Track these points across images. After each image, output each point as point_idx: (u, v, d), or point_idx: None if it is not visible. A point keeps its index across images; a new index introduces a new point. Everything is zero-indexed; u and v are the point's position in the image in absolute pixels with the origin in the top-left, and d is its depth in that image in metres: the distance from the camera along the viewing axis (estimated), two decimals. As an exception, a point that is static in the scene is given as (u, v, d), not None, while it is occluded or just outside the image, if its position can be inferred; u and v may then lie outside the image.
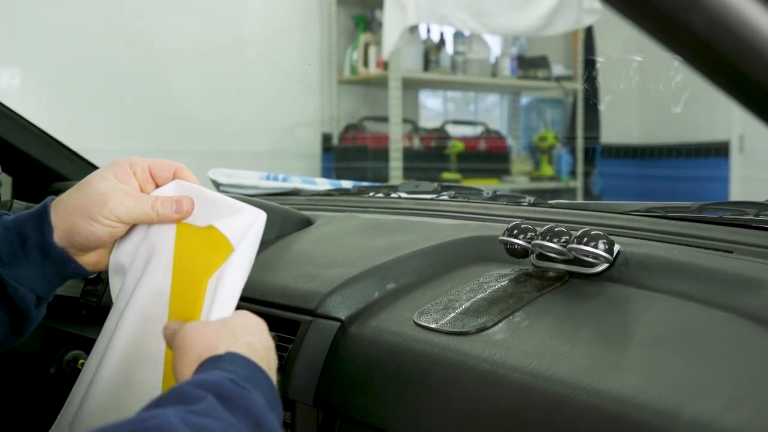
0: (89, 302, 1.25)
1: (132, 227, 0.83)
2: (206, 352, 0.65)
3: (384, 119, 3.92)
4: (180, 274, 0.80)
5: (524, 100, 4.83)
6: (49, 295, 0.84)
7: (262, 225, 0.78)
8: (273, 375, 0.68)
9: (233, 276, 0.76)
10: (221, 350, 0.65)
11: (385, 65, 3.81)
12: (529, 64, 4.40)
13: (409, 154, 3.87)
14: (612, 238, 0.86)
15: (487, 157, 4.31)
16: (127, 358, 0.79)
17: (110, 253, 0.84)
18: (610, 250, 0.84)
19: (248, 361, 0.65)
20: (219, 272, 0.77)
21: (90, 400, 0.78)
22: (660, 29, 0.43)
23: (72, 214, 0.79)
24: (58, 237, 0.80)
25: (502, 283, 0.89)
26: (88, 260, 0.83)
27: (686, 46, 0.43)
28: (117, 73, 3.27)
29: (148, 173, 0.82)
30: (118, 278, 0.85)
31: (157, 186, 0.83)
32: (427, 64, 4.03)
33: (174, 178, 0.84)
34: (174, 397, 0.57)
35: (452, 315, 0.84)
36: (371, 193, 1.50)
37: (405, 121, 3.92)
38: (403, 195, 1.46)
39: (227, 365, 0.63)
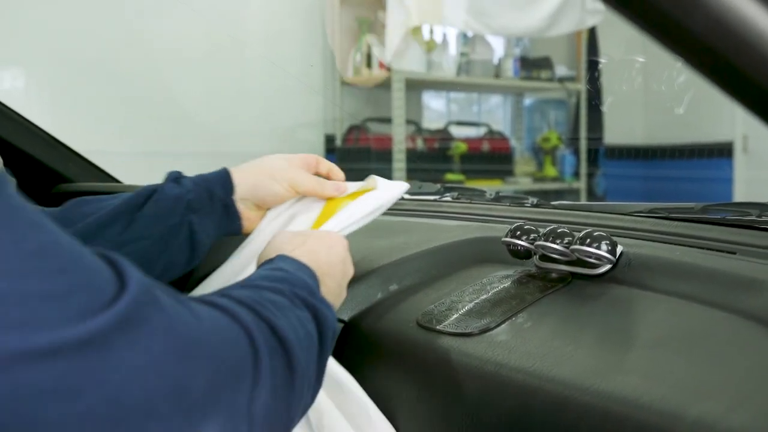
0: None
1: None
2: (272, 253, 0.76)
3: (387, 120, 3.92)
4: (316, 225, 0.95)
5: (527, 101, 4.83)
6: (210, 243, 0.97)
7: (402, 192, 0.96)
8: (334, 282, 0.77)
9: (356, 208, 0.92)
10: (283, 252, 0.75)
11: (388, 66, 3.82)
12: (532, 65, 4.40)
13: (412, 156, 3.87)
14: (615, 239, 0.86)
15: (491, 158, 4.30)
16: None
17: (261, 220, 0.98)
18: (613, 251, 0.84)
19: (298, 264, 0.73)
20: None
21: None
22: (661, 31, 0.43)
23: (256, 175, 0.96)
24: (238, 196, 0.95)
25: (505, 285, 0.89)
26: (250, 221, 0.97)
27: (687, 47, 0.43)
28: (118, 73, 3.27)
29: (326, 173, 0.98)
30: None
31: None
32: (430, 65, 4.02)
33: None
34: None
35: (455, 316, 0.84)
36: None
37: (408, 122, 3.92)
38: (406, 196, 1.46)
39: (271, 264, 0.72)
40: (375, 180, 0.99)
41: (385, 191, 0.95)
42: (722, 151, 4.49)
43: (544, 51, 4.54)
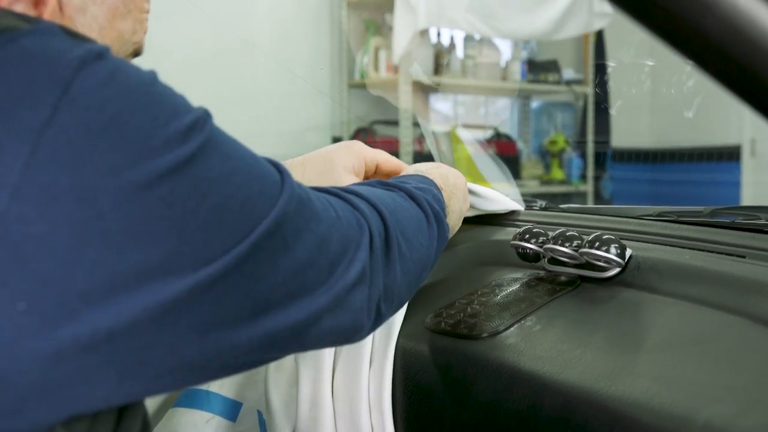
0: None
1: None
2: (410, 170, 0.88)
3: (394, 123, 3.93)
4: None
5: (535, 103, 4.83)
6: None
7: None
8: (454, 201, 0.85)
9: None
10: (419, 171, 0.85)
11: (395, 69, 3.82)
12: (539, 68, 4.40)
13: (419, 158, 3.88)
14: (624, 242, 0.86)
15: (498, 160, 4.30)
16: None
17: None
18: (622, 255, 0.84)
19: (425, 179, 0.82)
20: None
21: None
22: (671, 33, 0.43)
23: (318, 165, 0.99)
24: None
25: (514, 287, 0.89)
26: None
27: (698, 50, 0.43)
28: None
29: (373, 166, 0.99)
30: None
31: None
32: (438, 68, 4.03)
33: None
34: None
35: (464, 319, 0.84)
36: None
37: (415, 124, 3.92)
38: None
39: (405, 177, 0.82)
40: None
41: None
42: (730, 155, 4.47)
43: (551, 54, 4.54)
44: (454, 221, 0.86)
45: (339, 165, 0.96)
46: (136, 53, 0.69)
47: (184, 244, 0.49)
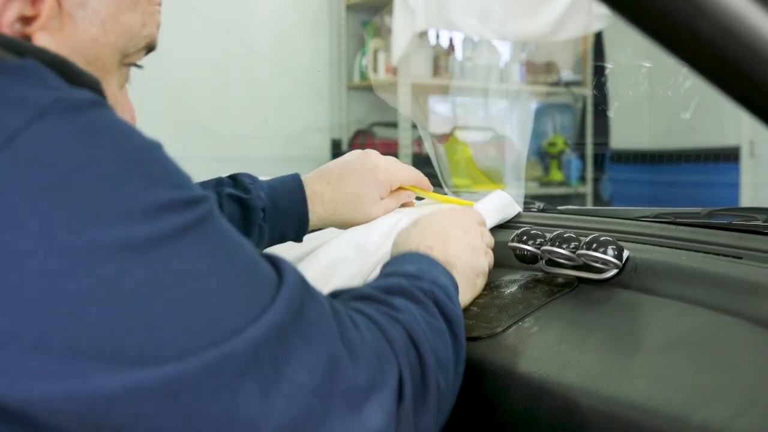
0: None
1: None
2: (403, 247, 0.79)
3: (393, 125, 3.93)
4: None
5: (533, 105, 4.83)
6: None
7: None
8: (458, 276, 0.76)
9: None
10: (420, 249, 0.76)
11: (394, 71, 3.82)
12: (538, 69, 4.40)
13: (418, 160, 3.88)
14: (621, 243, 0.86)
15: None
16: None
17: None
18: (619, 256, 0.84)
19: (432, 264, 0.73)
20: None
21: None
22: (666, 37, 0.43)
23: (348, 203, 1.00)
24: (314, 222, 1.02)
25: (512, 289, 0.89)
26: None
27: (693, 53, 0.43)
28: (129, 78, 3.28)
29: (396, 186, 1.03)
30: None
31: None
32: (437, 69, 4.03)
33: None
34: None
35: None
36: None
37: (414, 126, 3.92)
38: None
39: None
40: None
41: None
42: (729, 156, 4.48)
43: (550, 55, 4.54)
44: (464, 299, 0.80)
45: (368, 200, 0.99)
46: (150, 48, 0.66)
47: (116, 337, 0.42)
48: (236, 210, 0.94)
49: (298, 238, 1.00)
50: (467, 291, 0.81)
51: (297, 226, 0.99)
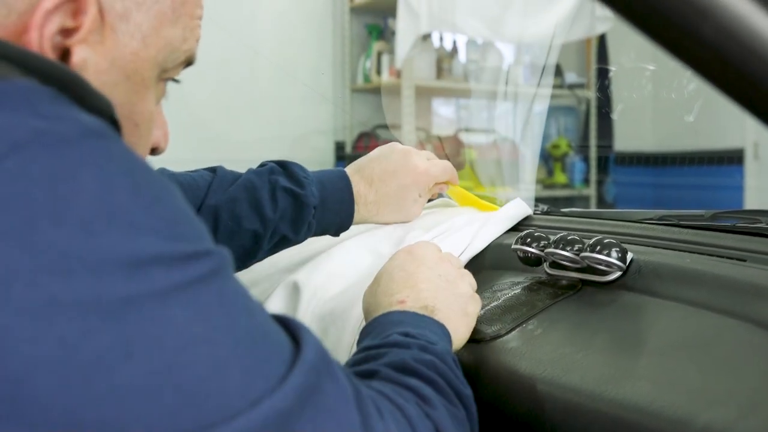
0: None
1: None
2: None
3: (397, 127, 3.93)
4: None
5: (544, 107, 4.82)
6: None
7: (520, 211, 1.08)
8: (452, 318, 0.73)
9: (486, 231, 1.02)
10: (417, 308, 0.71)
11: (398, 73, 3.82)
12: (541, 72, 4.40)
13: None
14: (625, 246, 0.86)
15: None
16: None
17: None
18: (623, 259, 0.84)
19: (434, 325, 0.70)
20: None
21: None
22: (670, 40, 0.44)
23: (390, 203, 1.04)
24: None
25: (516, 291, 0.89)
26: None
27: (696, 57, 0.43)
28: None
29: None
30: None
31: None
32: (440, 72, 4.03)
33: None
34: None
35: (465, 323, 0.84)
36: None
37: (418, 129, 3.93)
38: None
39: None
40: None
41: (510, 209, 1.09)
42: (733, 159, 4.47)
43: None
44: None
45: (409, 201, 1.03)
46: (188, 62, 0.64)
47: (69, 409, 0.36)
48: (290, 204, 0.95)
49: (337, 234, 1.03)
50: (460, 324, 0.75)
51: (340, 224, 1.01)
